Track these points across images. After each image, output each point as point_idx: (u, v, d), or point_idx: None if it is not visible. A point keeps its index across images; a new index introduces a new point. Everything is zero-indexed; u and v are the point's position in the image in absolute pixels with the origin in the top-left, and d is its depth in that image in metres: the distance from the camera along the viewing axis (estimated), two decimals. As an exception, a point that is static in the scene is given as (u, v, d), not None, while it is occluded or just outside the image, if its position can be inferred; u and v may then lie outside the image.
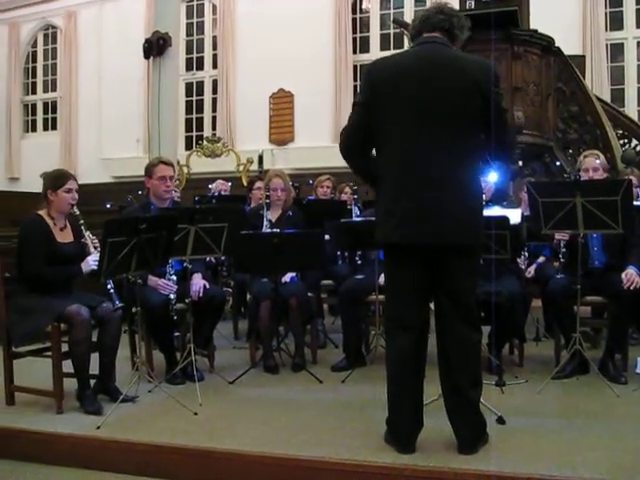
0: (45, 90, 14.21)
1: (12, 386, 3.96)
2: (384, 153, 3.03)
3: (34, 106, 14.31)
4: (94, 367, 3.90)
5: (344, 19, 11.39)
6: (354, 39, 11.63)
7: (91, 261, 3.91)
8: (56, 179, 4.00)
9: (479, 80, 2.89)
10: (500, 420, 3.33)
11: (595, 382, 4.04)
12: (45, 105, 14.21)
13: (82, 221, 4.01)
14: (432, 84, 2.89)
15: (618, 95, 10.11)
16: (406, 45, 9.24)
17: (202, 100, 12.86)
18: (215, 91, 12.48)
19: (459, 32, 3.05)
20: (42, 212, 4.00)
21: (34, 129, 14.34)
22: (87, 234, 4.02)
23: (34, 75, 14.31)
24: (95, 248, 3.95)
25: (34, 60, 14.29)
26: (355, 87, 11.52)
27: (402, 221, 2.91)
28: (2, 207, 11.69)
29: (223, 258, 5.64)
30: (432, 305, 3.16)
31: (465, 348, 2.99)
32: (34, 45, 14.27)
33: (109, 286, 3.84)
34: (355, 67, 11.63)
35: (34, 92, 14.31)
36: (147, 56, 8.72)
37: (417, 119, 2.90)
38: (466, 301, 2.99)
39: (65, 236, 4.03)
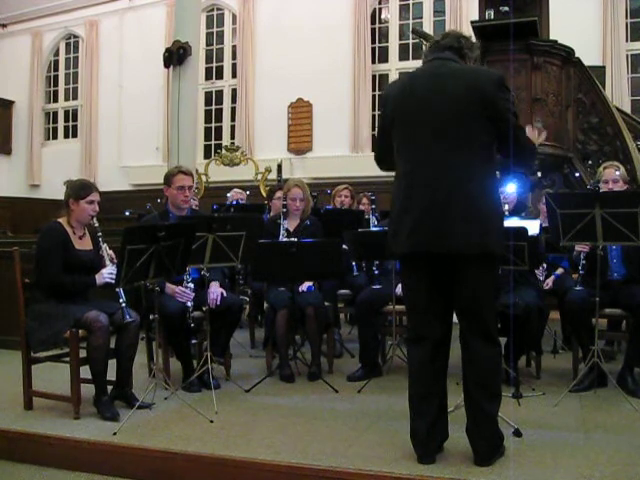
0: (66, 98, 14.35)
1: (30, 391, 3.99)
2: (397, 167, 3.10)
3: (55, 114, 14.45)
4: (111, 373, 3.94)
5: (363, 29, 11.41)
6: (373, 49, 11.62)
7: (106, 274, 3.93)
8: (79, 189, 4.03)
9: (482, 87, 2.91)
10: (517, 433, 3.31)
11: (613, 396, 4.01)
12: (66, 113, 14.34)
13: (100, 233, 4.03)
14: (435, 95, 2.96)
15: (638, 106, 10.03)
16: (425, 55, 9.24)
17: (221, 109, 12.92)
18: (234, 100, 12.54)
19: (468, 51, 3.13)
20: (62, 220, 4.03)
21: (55, 137, 14.48)
22: (104, 246, 4.04)
23: (56, 83, 14.47)
24: (111, 261, 3.98)
25: (56, 69, 14.45)
26: (374, 97, 11.54)
27: (411, 231, 2.93)
28: (23, 214, 11.88)
29: (240, 266, 5.65)
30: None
31: (479, 363, 2.96)
32: (56, 54, 14.44)
33: (121, 300, 3.86)
34: (374, 77, 11.63)
35: (55, 100, 14.46)
36: (167, 65, 8.81)
37: (422, 131, 2.96)
38: (479, 315, 2.96)
39: (84, 244, 4.06)
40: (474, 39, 3.29)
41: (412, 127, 3.01)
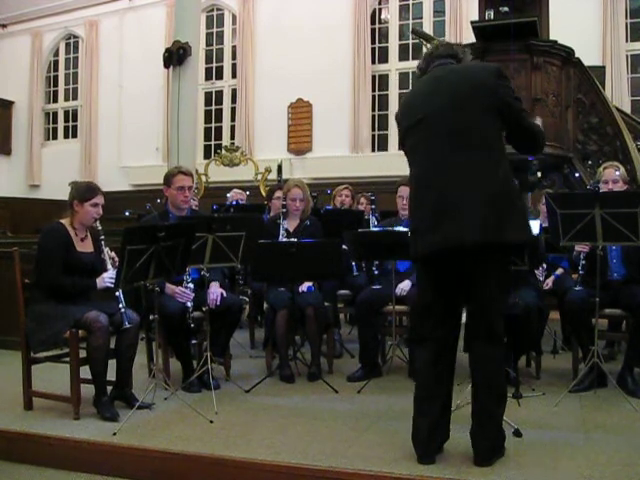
0: (66, 99, 14.36)
1: (30, 391, 3.99)
2: (409, 171, 3.14)
3: (55, 114, 14.46)
4: (111, 374, 3.93)
5: (363, 29, 11.41)
6: (373, 49, 11.62)
7: (107, 278, 3.92)
8: (84, 191, 4.02)
9: (483, 81, 2.95)
10: (517, 433, 3.31)
11: (613, 396, 4.01)
12: (66, 113, 14.34)
13: (103, 237, 4.01)
14: (436, 96, 3.00)
15: (638, 106, 10.02)
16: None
17: (221, 109, 12.92)
18: (234, 100, 12.54)
19: (462, 56, 3.19)
20: (64, 221, 4.03)
21: (55, 137, 14.48)
22: (106, 250, 4.02)
23: (56, 84, 14.47)
24: (113, 265, 3.96)
25: (56, 69, 14.46)
26: (374, 97, 11.56)
27: (418, 232, 2.99)
28: (23, 214, 11.86)
29: (240, 267, 5.65)
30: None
31: (485, 364, 2.97)
32: (56, 54, 14.44)
33: (120, 305, 3.86)
34: (374, 77, 11.64)
35: (55, 100, 14.46)
36: (167, 65, 8.82)
37: (427, 133, 3.00)
38: (485, 316, 2.96)
39: (85, 246, 4.05)
40: (470, 41, 3.35)
41: (419, 130, 3.03)
